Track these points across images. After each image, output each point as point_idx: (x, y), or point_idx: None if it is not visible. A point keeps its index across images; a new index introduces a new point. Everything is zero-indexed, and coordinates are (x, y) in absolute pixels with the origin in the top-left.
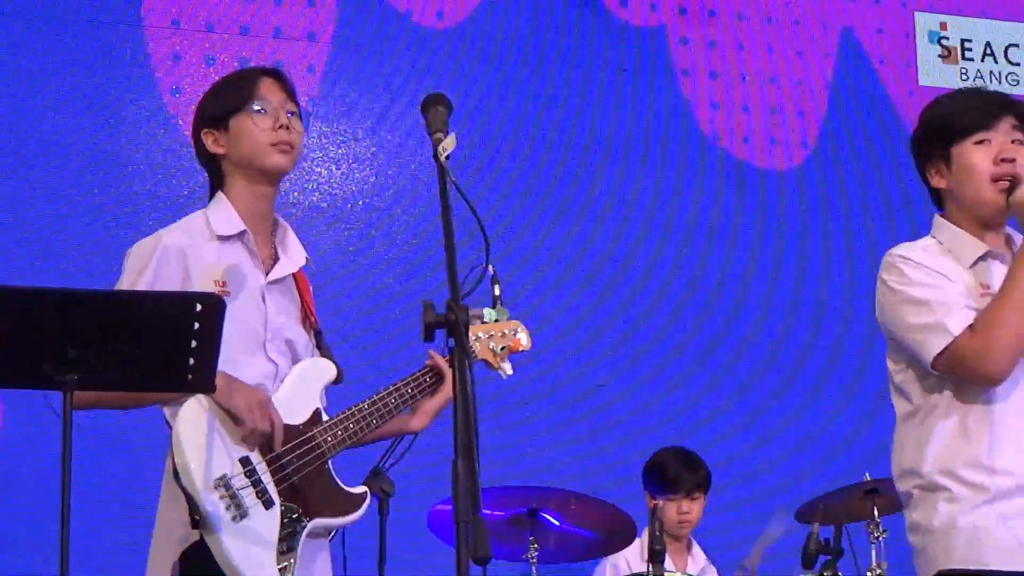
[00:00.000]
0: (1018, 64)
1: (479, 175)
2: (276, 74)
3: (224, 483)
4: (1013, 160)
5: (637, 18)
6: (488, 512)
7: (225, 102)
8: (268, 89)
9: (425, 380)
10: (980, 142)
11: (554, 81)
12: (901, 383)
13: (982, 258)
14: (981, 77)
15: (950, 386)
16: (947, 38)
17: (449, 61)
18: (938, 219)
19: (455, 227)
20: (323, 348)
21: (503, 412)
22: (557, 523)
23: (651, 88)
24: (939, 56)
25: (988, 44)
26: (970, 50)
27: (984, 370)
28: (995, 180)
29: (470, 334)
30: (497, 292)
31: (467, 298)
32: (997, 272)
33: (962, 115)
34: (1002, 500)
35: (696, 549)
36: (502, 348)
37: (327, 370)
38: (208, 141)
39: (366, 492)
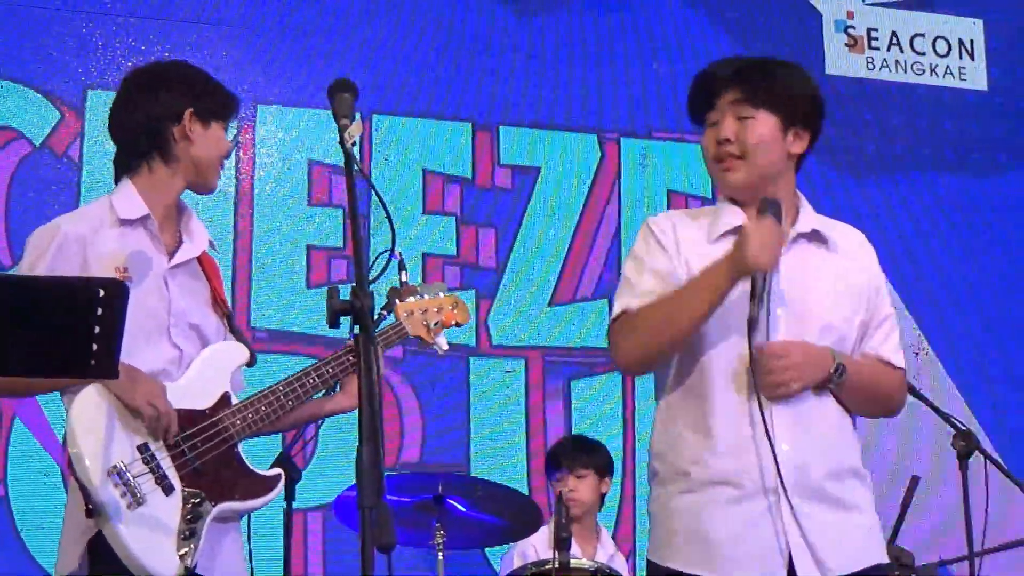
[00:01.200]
0: (923, 54)
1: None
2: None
3: (118, 471)
4: (728, 140)
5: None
6: (394, 498)
7: (225, 104)
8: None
9: (348, 359)
10: (712, 124)
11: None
12: None
13: (732, 232)
14: (887, 66)
15: (677, 368)
16: (853, 27)
17: (355, 45)
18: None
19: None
20: (235, 331)
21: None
22: (463, 509)
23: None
24: (845, 45)
25: (894, 33)
26: (876, 39)
27: (615, 354)
28: (718, 161)
29: (402, 310)
30: (404, 278)
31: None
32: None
33: (691, 102)
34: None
35: (604, 535)
36: (435, 323)
37: (238, 353)
38: (185, 118)
39: (280, 474)
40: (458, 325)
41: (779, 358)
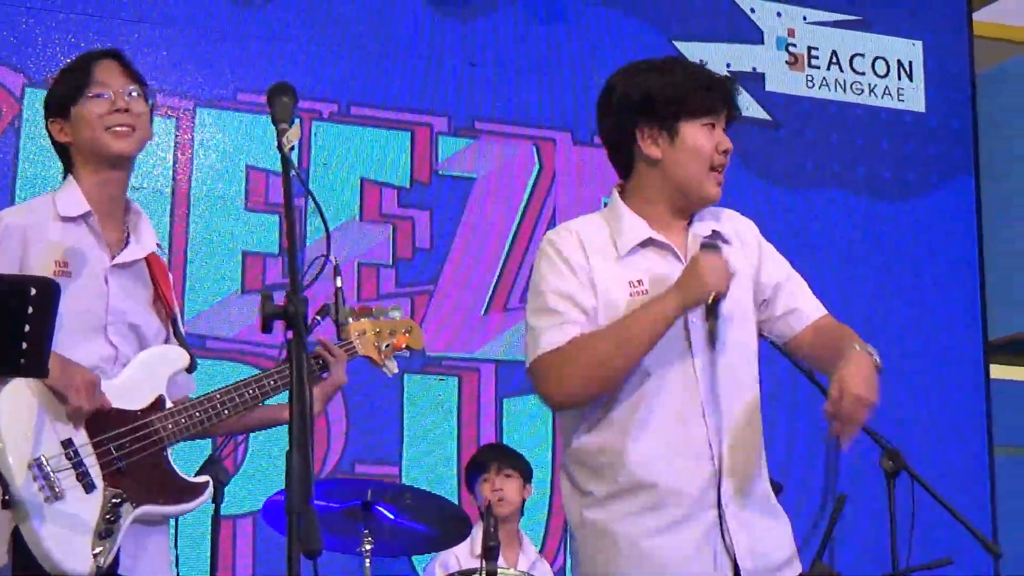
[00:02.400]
0: (863, 73)
1: None
2: (113, 55)
3: (39, 464)
4: (728, 152)
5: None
6: (323, 504)
7: (65, 90)
8: (105, 72)
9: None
10: (708, 125)
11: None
12: None
13: (643, 245)
14: (826, 84)
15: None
16: (794, 45)
17: (300, 51)
18: (614, 195)
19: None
20: (179, 336)
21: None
22: (392, 516)
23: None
24: (786, 63)
25: (834, 52)
26: (817, 58)
27: (543, 393)
28: (713, 168)
29: (355, 330)
30: (339, 284)
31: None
32: (656, 262)
33: (700, 93)
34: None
35: (527, 542)
36: (387, 346)
37: (177, 357)
38: (55, 130)
39: (207, 481)
40: (410, 350)
41: (859, 402)
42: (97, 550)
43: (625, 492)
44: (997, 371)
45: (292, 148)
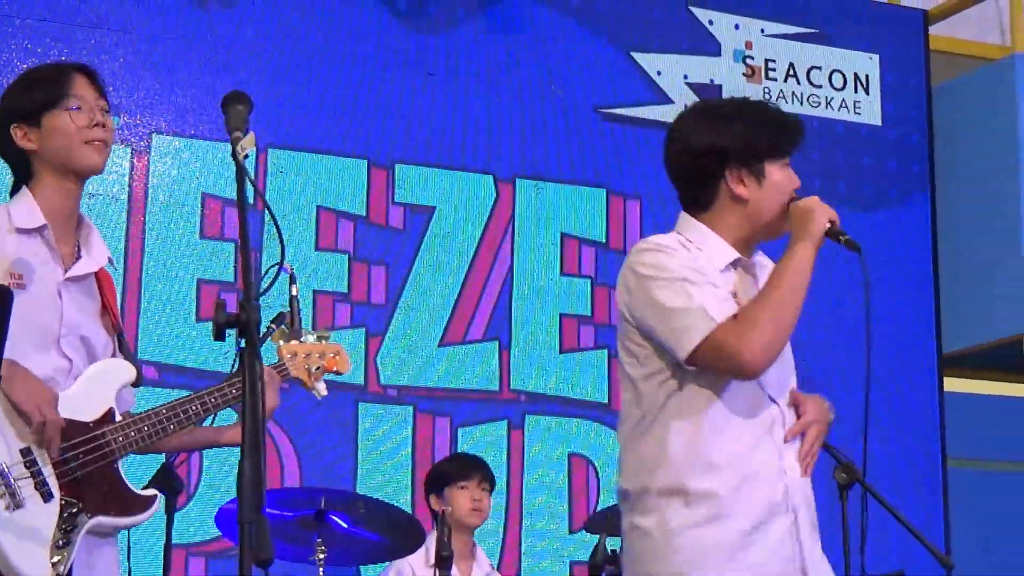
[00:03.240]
0: (820, 87)
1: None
2: (89, 72)
3: (1, 472)
4: (796, 189)
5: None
6: (276, 513)
7: (38, 97)
8: (82, 86)
9: (231, 392)
10: (786, 165)
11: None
12: (634, 380)
13: (732, 265)
14: (783, 97)
15: (685, 389)
16: (752, 57)
17: (254, 58)
18: (687, 218)
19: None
20: (124, 349)
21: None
22: (345, 525)
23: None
24: (743, 75)
25: (792, 65)
26: (774, 70)
27: (743, 360)
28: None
29: (286, 351)
30: (295, 292)
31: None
32: (741, 281)
33: (783, 136)
34: (721, 520)
35: (480, 553)
36: (317, 368)
37: (125, 371)
38: (17, 135)
39: (156, 495)
40: (338, 373)
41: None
42: (55, 559)
43: (719, 501)
44: (951, 384)
45: (246, 156)
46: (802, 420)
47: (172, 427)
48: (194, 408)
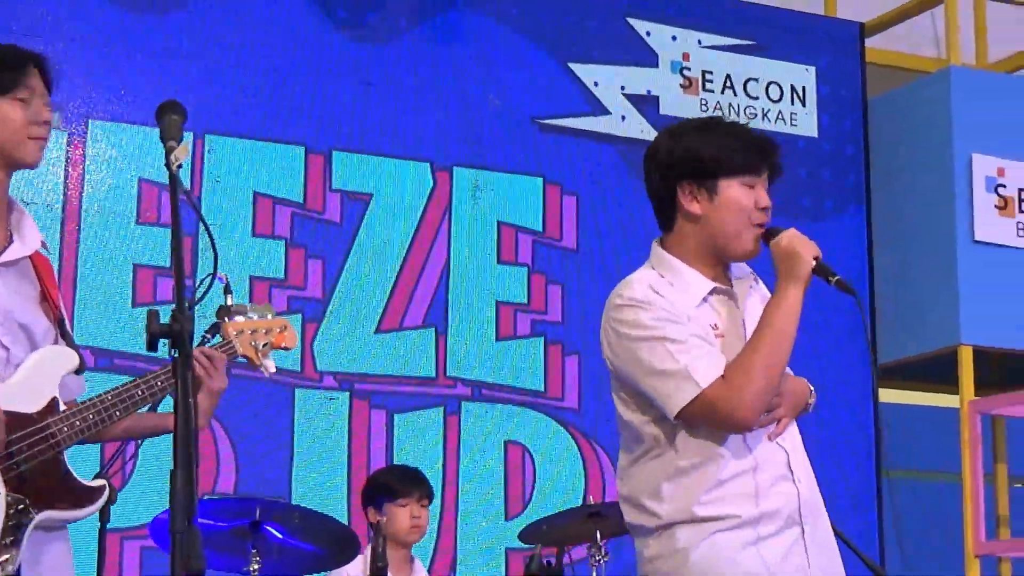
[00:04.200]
0: (757, 98)
1: None
2: (42, 63)
3: None
4: (767, 209)
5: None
6: (210, 523)
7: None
8: (34, 79)
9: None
10: (748, 185)
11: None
12: (633, 423)
13: (711, 293)
14: (720, 109)
15: (685, 428)
16: (689, 69)
17: (190, 64)
18: (657, 249)
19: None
20: (65, 336)
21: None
22: (280, 536)
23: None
24: (680, 86)
25: (728, 76)
26: (711, 82)
27: (736, 418)
28: (753, 224)
29: (231, 329)
30: (230, 301)
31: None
32: (721, 309)
33: (740, 152)
34: (734, 530)
35: (418, 564)
36: (264, 345)
37: (67, 358)
38: None
39: (104, 486)
40: (286, 349)
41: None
42: (4, 558)
43: (720, 513)
44: (886, 395)
45: (180, 166)
46: (773, 414)
47: (118, 413)
48: (140, 392)
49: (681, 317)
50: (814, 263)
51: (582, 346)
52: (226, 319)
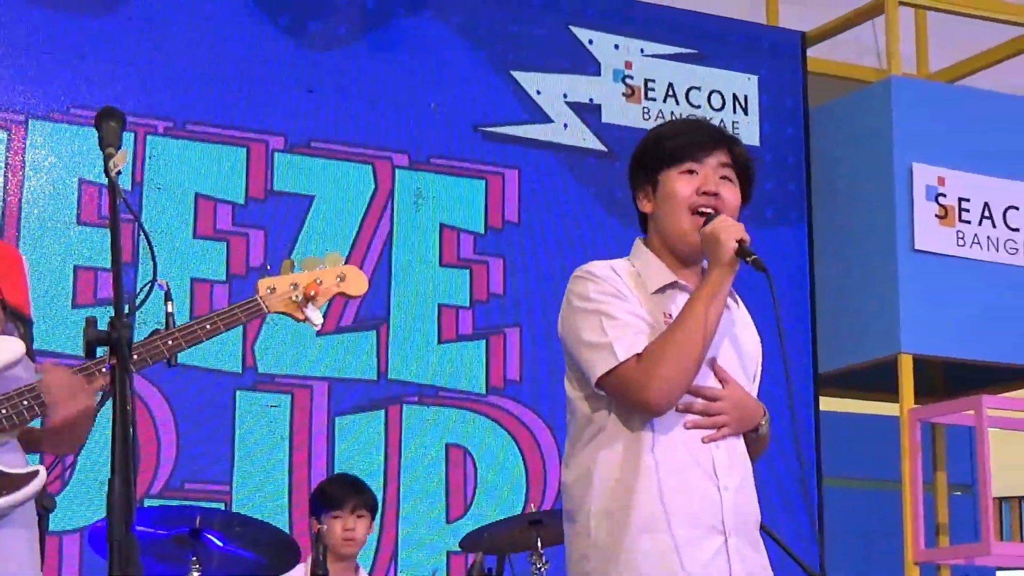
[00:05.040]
0: (699, 107)
1: None
2: None
3: None
4: (716, 194)
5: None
6: (150, 530)
7: None
8: None
9: (97, 368)
10: (687, 172)
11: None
12: (573, 400)
13: (669, 286)
14: (662, 116)
15: (617, 411)
16: (631, 77)
17: (131, 66)
18: (638, 242)
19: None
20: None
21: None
22: (220, 544)
23: None
24: (623, 95)
25: (671, 85)
26: (653, 90)
27: (644, 398)
28: (693, 211)
29: (262, 287)
30: (170, 309)
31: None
32: (682, 303)
33: (674, 142)
34: (653, 532)
35: (363, 572)
36: (305, 297)
37: (11, 349)
38: None
39: (38, 470)
40: (348, 297)
41: (716, 400)
42: None
43: (638, 509)
44: (826, 403)
45: (119, 173)
46: (714, 419)
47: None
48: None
49: (629, 297)
50: (736, 246)
51: (531, 353)
52: (264, 276)
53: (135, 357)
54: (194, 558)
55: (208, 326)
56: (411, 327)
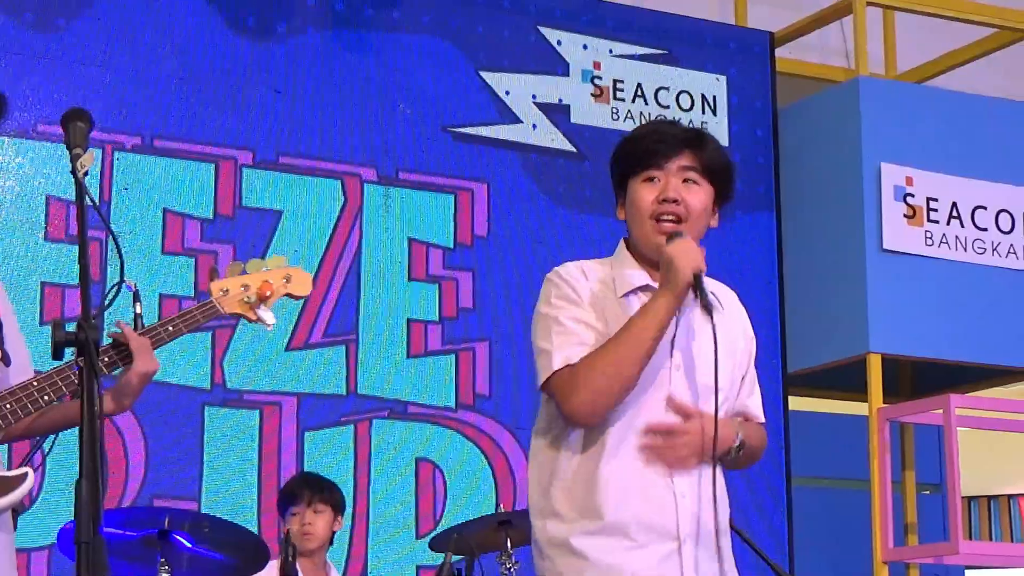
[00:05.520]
0: (668, 107)
1: None
2: None
3: None
4: (676, 201)
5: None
6: (119, 532)
7: None
8: None
9: (71, 376)
10: (648, 179)
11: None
12: (544, 396)
13: (642, 289)
14: (631, 117)
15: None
16: (600, 78)
17: (97, 79)
18: (621, 244)
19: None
20: None
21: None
22: (189, 545)
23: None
24: (591, 95)
25: (639, 85)
26: (622, 90)
27: (568, 409)
28: (655, 218)
29: (215, 288)
30: (139, 310)
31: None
32: None
33: (635, 150)
34: (603, 535)
35: (334, 573)
36: (258, 298)
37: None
38: None
39: (27, 472)
40: (295, 297)
41: (679, 435)
42: None
43: (593, 517)
44: (795, 403)
45: (86, 174)
46: (669, 453)
47: (21, 413)
48: (46, 398)
49: (583, 302)
50: (691, 280)
51: (500, 368)
52: (214, 279)
53: (105, 359)
54: (163, 560)
55: (171, 327)
56: (380, 342)
